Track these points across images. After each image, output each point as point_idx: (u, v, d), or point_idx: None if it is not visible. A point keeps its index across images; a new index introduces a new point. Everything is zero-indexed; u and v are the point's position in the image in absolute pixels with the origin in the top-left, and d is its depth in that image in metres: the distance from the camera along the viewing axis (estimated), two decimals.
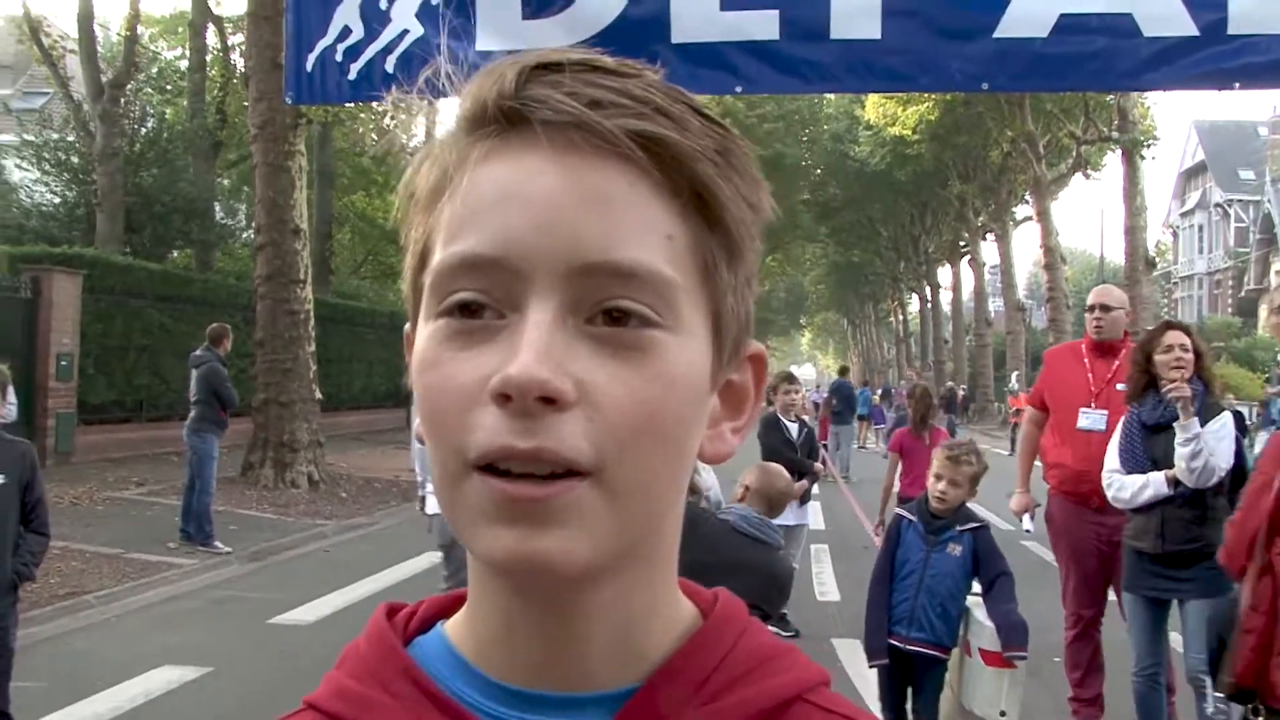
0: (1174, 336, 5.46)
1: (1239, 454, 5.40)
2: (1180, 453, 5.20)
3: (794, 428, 8.82)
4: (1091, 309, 6.43)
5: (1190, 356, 5.39)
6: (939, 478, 5.13)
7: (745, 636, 0.73)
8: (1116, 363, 6.17)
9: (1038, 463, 6.75)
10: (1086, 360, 6.37)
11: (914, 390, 9.97)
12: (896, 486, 8.91)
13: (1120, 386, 5.86)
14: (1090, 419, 6.11)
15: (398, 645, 0.73)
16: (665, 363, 0.64)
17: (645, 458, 0.64)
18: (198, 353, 12.00)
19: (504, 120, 0.66)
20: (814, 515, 8.88)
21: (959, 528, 5.07)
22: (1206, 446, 5.17)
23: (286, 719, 0.73)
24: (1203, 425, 5.23)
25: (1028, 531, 7.58)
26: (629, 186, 0.64)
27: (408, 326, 0.73)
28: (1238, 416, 5.80)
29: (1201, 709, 5.15)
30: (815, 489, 10.02)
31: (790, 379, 9.21)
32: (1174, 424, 5.25)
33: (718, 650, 0.71)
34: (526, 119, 0.65)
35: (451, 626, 0.75)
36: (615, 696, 0.69)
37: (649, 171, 0.64)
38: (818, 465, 9.05)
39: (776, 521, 5.20)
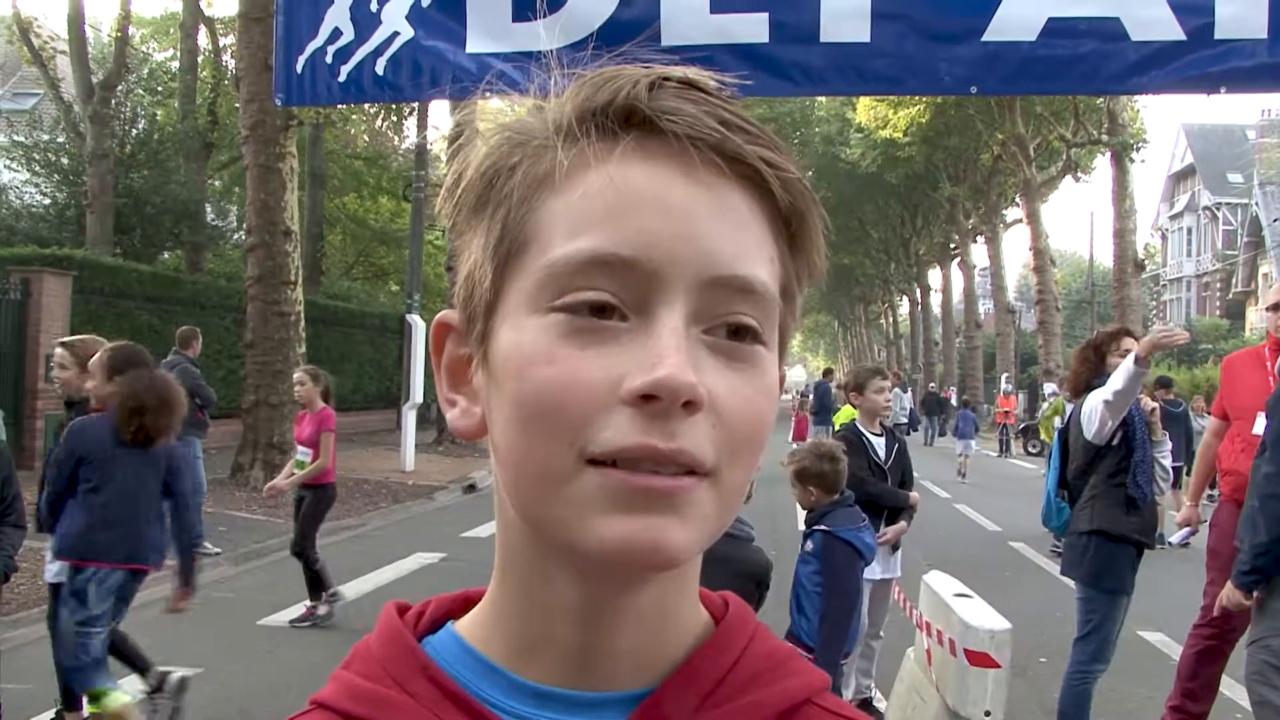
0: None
1: None
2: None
3: (880, 442, 6.51)
4: (1276, 307, 5.89)
5: None
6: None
7: (755, 641, 0.75)
8: None
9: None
10: (1270, 363, 5.87)
11: None
12: None
13: None
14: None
15: (414, 644, 0.74)
16: (768, 377, 0.68)
17: (748, 464, 0.68)
18: (168, 359, 11.79)
19: (624, 126, 0.67)
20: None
21: (809, 527, 5.21)
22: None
23: (295, 719, 0.73)
24: None
25: (1170, 545, 7.14)
26: (747, 206, 0.68)
27: (442, 315, 0.74)
28: None
29: None
30: None
31: (881, 374, 6.85)
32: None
33: (730, 654, 0.73)
34: (656, 128, 0.67)
35: (466, 626, 0.75)
36: (632, 697, 0.70)
37: (766, 195, 0.68)
38: (914, 495, 6.55)
39: (864, 575, 5.33)
